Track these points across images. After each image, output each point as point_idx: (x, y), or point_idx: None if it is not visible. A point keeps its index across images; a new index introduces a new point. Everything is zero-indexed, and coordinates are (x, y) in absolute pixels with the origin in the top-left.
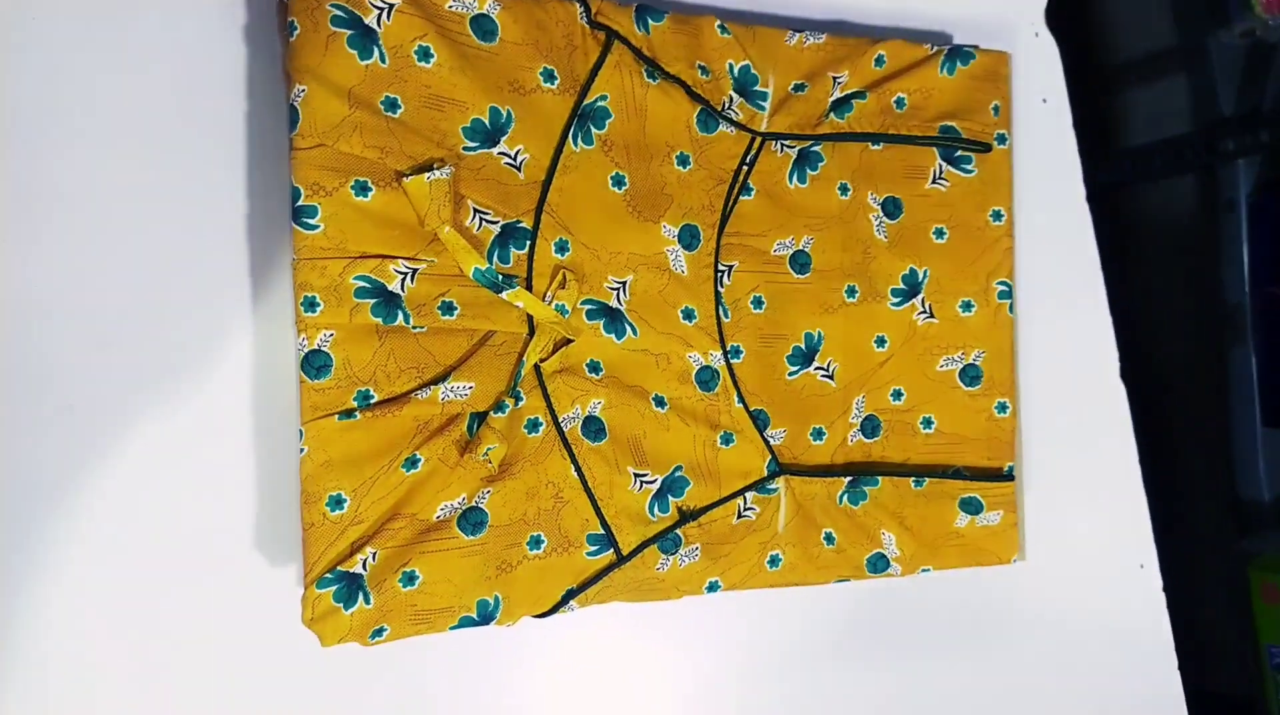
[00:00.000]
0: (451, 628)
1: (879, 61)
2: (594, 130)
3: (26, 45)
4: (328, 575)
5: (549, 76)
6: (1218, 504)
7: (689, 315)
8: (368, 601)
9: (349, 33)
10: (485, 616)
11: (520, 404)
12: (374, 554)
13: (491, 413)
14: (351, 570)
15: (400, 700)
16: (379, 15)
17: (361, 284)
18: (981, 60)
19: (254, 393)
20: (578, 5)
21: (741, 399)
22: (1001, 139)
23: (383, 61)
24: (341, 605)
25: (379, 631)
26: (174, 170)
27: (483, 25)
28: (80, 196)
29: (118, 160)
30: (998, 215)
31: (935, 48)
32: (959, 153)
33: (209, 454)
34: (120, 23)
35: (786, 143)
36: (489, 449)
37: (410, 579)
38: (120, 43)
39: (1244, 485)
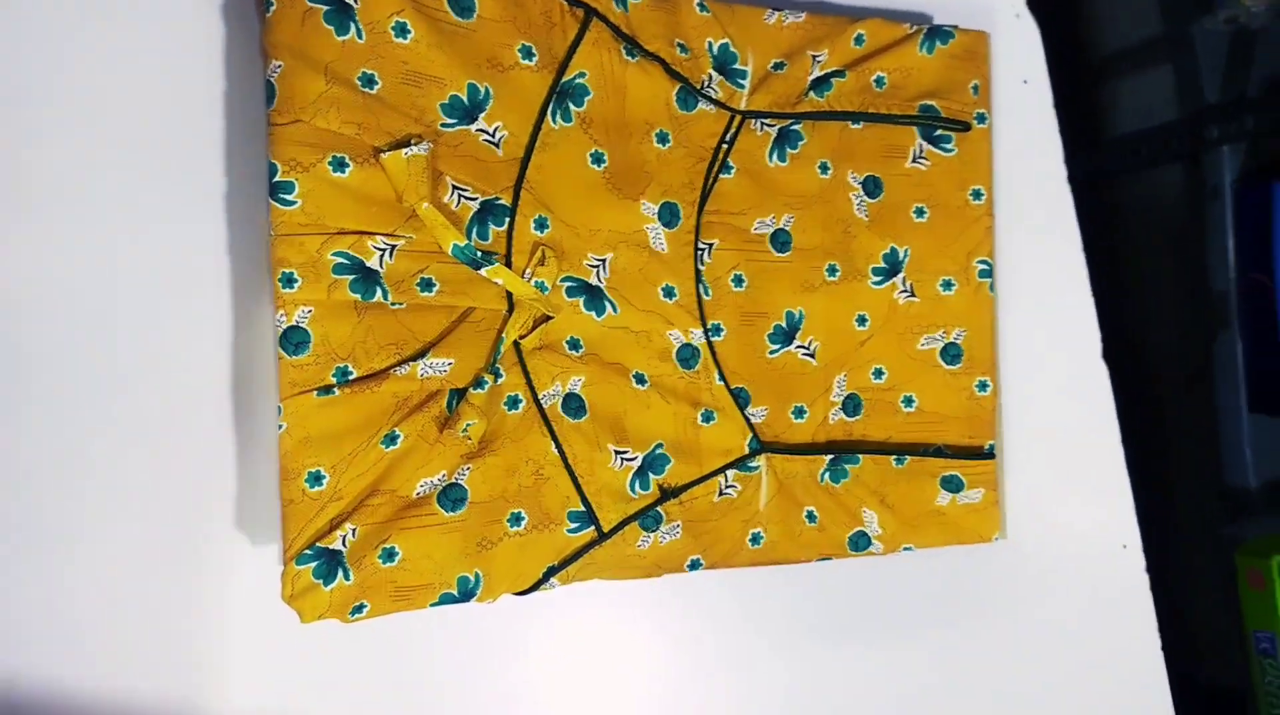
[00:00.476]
0: (432, 605)
1: (858, 40)
2: (573, 108)
3: None
4: (307, 551)
5: (527, 53)
6: (1203, 489)
7: (669, 293)
8: (347, 578)
9: (325, 8)
10: (466, 593)
11: (500, 381)
12: (353, 530)
13: (471, 389)
14: (331, 546)
15: (383, 677)
16: None
17: (340, 260)
18: (961, 40)
19: (234, 369)
20: None
21: (722, 377)
22: (981, 118)
23: (360, 37)
24: (321, 581)
25: (359, 608)
26: (152, 148)
27: (461, 2)
28: (55, 172)
29: (95, 139)
30: (978, 194)
31: (915, 27)
32: (939, 132)
33: (189, 432)
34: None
35: (766, 121)
36: (468, 425)
37: (390, 555)
38: (98, 20)
39: (1230, 471)
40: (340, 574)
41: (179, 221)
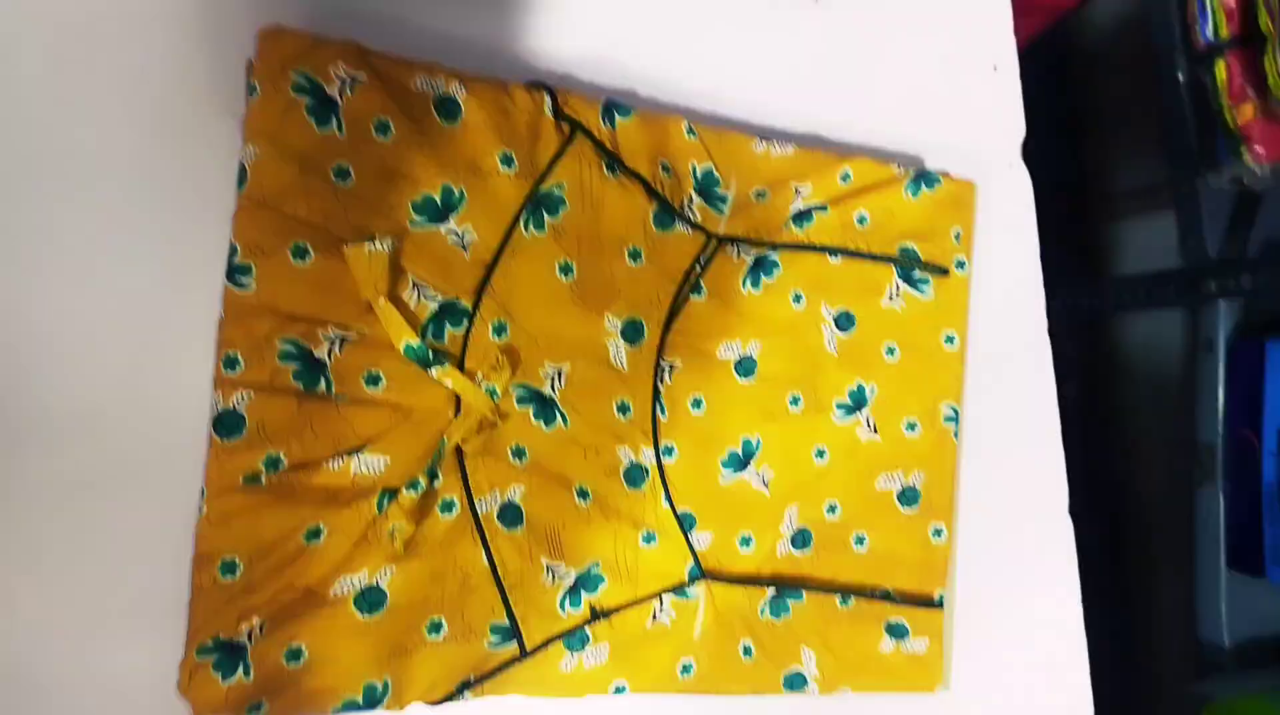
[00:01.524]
0: (334, 710)
1: (845, 177)
2: (547, 217)
3: None
4: (208, 643)
5: (507, 161)
6: (1174, 645)
7: (624, 409)
8: (247, 675)
9: (309, 100)
10: (371, 701)
11: (436, 484)
12: (261, 625)
13: (404, 490)
14: (235, 640)
15: None
16: (342, 86)
17: (287, 347)
18: (947, 187)
19: (166, 446)
20: (545, 95)
21: (669, 499)
22: (961, 265)
23: (340, 132)
24: (219, 676)
25: (256, 707)
26: (121, 215)
27: (447, 107)
28: (22, 231)
29: (67, 200)
30: (950, 339)
31: (902, 169)
32: (917, 274)
33: (109, 504)
34: (87, 64)
35: (743, 248)
36: (396, 527)
37: (296, 655)
38: (85, 84)
39: (1205, 627)
40: (240, 670)
41: (133, 291)
